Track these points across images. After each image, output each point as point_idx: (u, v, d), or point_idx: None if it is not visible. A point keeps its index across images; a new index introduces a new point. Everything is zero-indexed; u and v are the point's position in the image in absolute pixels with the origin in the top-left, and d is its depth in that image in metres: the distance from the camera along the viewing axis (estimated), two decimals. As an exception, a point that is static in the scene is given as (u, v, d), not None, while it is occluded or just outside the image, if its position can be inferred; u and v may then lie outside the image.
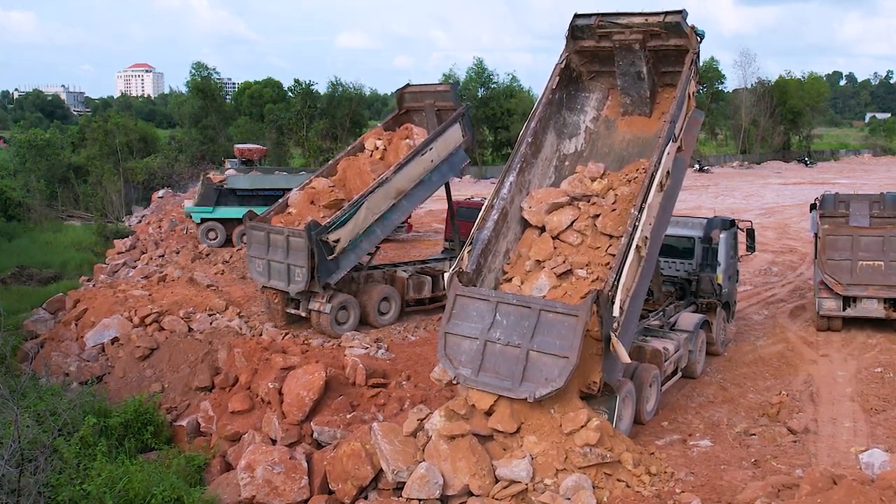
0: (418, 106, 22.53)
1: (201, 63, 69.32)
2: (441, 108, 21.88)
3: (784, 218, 39.92)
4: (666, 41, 14.57)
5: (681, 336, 15.32)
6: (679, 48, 14.50)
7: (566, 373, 10.91)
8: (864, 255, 18.53)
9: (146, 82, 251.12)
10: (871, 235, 18.71)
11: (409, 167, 19.59)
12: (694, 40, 14.15)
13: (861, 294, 18.60)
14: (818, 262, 19.03)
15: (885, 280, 18.39)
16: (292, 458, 12.34)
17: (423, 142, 20.17)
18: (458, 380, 11.77)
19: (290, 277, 18.25)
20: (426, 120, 22.24)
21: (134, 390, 16.46)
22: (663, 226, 13.55)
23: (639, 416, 13.20)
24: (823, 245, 18.88)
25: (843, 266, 18.63)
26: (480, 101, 70.80)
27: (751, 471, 11.54)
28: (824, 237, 18.94)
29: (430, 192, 20.78)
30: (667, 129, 13.25)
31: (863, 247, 18.59)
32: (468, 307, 12.04)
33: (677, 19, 14.14)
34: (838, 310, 18.89)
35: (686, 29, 14.13)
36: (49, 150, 49.74)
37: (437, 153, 20.18)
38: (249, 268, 19.63)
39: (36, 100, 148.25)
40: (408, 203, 19.95)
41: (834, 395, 15.06)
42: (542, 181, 14.74)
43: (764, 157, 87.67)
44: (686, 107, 14.04)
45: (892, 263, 18.41)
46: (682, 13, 14.15)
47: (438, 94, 22.18)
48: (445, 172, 20.85)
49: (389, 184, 19.18)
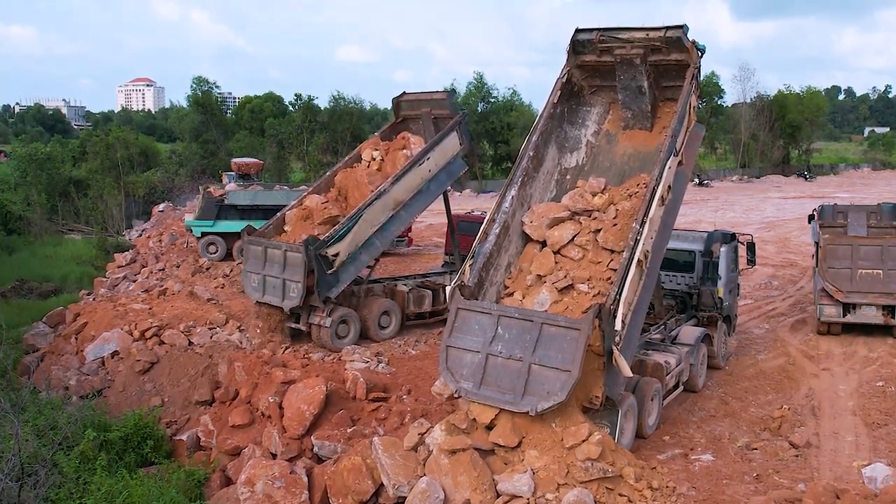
0: (415, 114, 22.40)
1: (202, 77, 69.49)
2: (438, 117, 21.74)
3: (784, 232, 39.94)
4: (667, 56, 14.62)
5: (682, 350, 15.35)
6: (680, 63, 14.53)
7: (568, 386, 10.91)
8: (863, 263, 19.28)
9: (147, 97, 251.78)
10: (869, 245, 19.59)
11: (406, 177, 19.51)
12: (695, 55, 14.18)
13: (861, 301, 19.21)
14: (819, 270, 19.75)
15: (884, 288, 19.09)
16: (293, 472, 12.30)
17: (420, 151, 20.10)
18: (460, 393, 11.73)
19: (285, 293, 18.09)
20: (423, 128, 22.14)
21: (134, 404, 16.40)
22: (665, 240, 13.59)
23: (641, 430, 13.19)
24: (824, 254, 19.63)
25: (843, 274, 19.37)
26: (480, 115, 70.90)
27: (753, 485, 11.51)
28: (825, 246, 19.71)
29: (429, 201, 20.68)
30: (668, 143, 13.25)
31: (862, 256, 19.37)
32: (470, 321, 12.05)
33: (678, 34, 14.17)
34: (838, 316, 19.53)
35: (687, 44, 14.16)
36: (49, 164, 49.75)
37: (434, 162, 20.09)
38: (244, 283, 19.43)
39: (37, 114, 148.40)
40: (406, 214, 19.86)
41: (836, 409, 15.04)
42: (543, 195, 14.75)
43: (763, 172, 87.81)
44: (687, 121, 14.06)
45: (890, 272, 19.10)
46: (683, 28, 14.19)
47: (435, 101, 21.99)
48: (444, 181, 20.74)
49: (387, 195, 19.10)
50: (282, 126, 65.86)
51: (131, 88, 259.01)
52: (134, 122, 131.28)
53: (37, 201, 47.26)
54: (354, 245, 18.49)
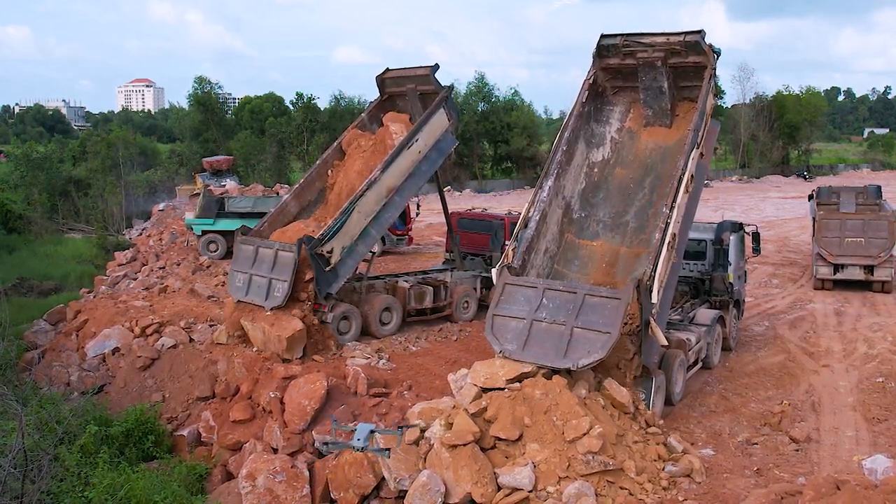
0: (400, 91, 21.83)
1: (204, 77, 69.33)
2: (424, 92, 21.21)
3: (784, 231, 39.98)
4: (685, 58, 15.97)
5: (700, 329, 16.63)
6: (697, 65, 15.87)
7: (608, 346, 11.86)
8: (849, 233, 25.15)
9: (147, 97, 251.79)
10: (854, 219, 25.48)
11: (397, 162, 19.04)
12: (711, 57, 15.56)
13: (847, 262, 25.11)
14: (815, 238, 25.60)
15: (865, 252, 24.93)
16: (294, 466, 12.34)
17: (407, 134, 19.59)
18: (505, 353, 12.48)
19: (269, 292, 17.34)
20: (409, 104, 21.63)
21: (135, 400, 16.44)
22: (689, 224, 14.98)
23: (669, 398, 14.52)
24: (820, 226, 25.53)
25: (833, 241, 25.23)
26: (481, 115, 70.87)
27: (753, 479, 11.53)
28: (820, 221, 25.63)
29: (422, 182, 20.41)
30: (691, 136, 14.54)
31: (848, 228, 25.27)
32: (516, 293, 13.11)
33: (697, 38, 15.50)
34: (830, 274, 25.50)
35: (704, 47, 15.51)
36: (47, 164, 49.71)
37: (424, 143, 19.68)
38: (229, 282, 18.68)
39: (37, 114, 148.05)
40: (400, 198, 19.48)
41: (835, 404, 15.07)
42: (574, 186, 16.17)
43: (763, 172, 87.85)
44: (706, 117, 15.28)
45: (871, 240, 24.90)
46: (701, 33, 15.48)
47: (419, 77, 21.28)
48: (435, 160, 20.30)
49: (379, 184, 18.69)
50: (282, 126, 65.81)
51: (131, 89, 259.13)
52: (134, 122, 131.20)
53: (37, 200, 47.21)
54: (350, 238, 18.19)
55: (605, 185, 16.47)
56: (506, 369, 12.19)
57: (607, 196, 16.29)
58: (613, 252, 15.40)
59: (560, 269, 15.18)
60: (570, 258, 15.47)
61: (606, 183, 16.49)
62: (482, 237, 23.00)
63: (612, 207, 16.09)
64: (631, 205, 15.98)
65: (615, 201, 16.16)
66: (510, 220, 22.62)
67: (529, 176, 70.60)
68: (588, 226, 15.95)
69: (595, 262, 15.36)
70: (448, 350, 18.46)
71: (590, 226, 15.95)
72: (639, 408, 12.62)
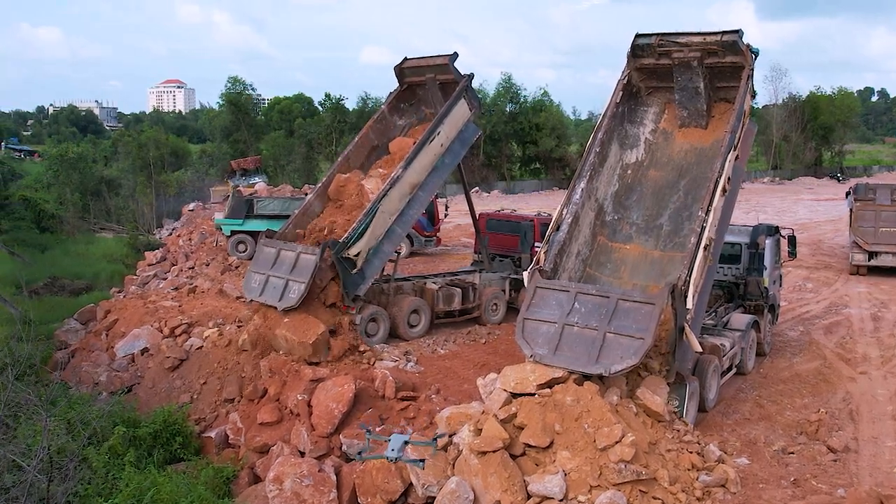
0: (419, 80, 21.37)
1: (238, 78, 69.90)
2: (443, 82, 20.76)
3: (818, 234, 39.26)
4: (722, 59, 15.61)
5: (734, 334, 16.28)
6: (734, 65, 15.66)
7: (641, 352, 11.59)
8: (883, 224, 27.55)
9: (178, 98, 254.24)
10: (889, 210, 27.69)
11: (419, 158, 18.72)
12: (749, 58, 15.22)
13: (881, 250, 27.56)
14: (852, 228, 28.26)
15: None
16: (321, 470, 12.24)
17: (428, 129, 19.18)
18: (535, 358, 12.24)
19: (285, 293, 17.00)
20: (429, 94, 21.22)
21: (163, 401, 16.43)
22: (725, 227, 14.67)
23: (702, 405, 14.13)
24: (856, 217, 28.10)
25: (868, 231, 27.75)
26: (509, 115, 70.63)
27: (790, 490, 11.23)
28: (857, 212, 28.15)
29: (446, 174, 20.08)
30: (728, 138, 14.26)
31: (882, 218, 27.67)
32: (548, 297, 12.86)
33: (734, 38, 15.15)
34: (864, 261, 27.98)
35: (742, 47, 15.17)
36: (81, 164, 50.27)
37: (446, 135, 19.34)
38: (244, 282, 18.38)
39: (70, 115, 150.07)
40: (424, 194, 19.18)
41: (874, 413, 14.67)
42: (607, 188, 15.89)
43: (795, 173, 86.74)
44: (743, 119, 14.95)
45: None
46: (739, 33, 15.13)
47: (438, 67, 20.79)
48: (458, 151, 19.96)
49: (402, 182, 18.40)
50: (311, 126, 66.00)
51: (163, 90, 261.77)
52: (165, 122, 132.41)
53: (69, 200, 47.77)
54: (375, 239, 17.97)
55: (639, 187, 16.21)
56: (536, 374, 11.98)
57: (641, 198, 16.03)
58: (646, 255, 15.17)
59: (592, 272, 14.95)
60: (603, 261, 15.24)
61: (640, 185, 16.23)
62: (511, 238, 22.80)
63: (645, 210, 15.83)
64: (665, 207, 15.72)
65: (649, 204, 15.89)
66: (539, 220, 22.39)
67: (558, 177, 70.26)
68: (621, 228, 15.69)
69: (628, 265, 15.13)
70: (476, 353, 18.29)
71: (623, 228, 15.70)
72: (672, 415, 12.38)
